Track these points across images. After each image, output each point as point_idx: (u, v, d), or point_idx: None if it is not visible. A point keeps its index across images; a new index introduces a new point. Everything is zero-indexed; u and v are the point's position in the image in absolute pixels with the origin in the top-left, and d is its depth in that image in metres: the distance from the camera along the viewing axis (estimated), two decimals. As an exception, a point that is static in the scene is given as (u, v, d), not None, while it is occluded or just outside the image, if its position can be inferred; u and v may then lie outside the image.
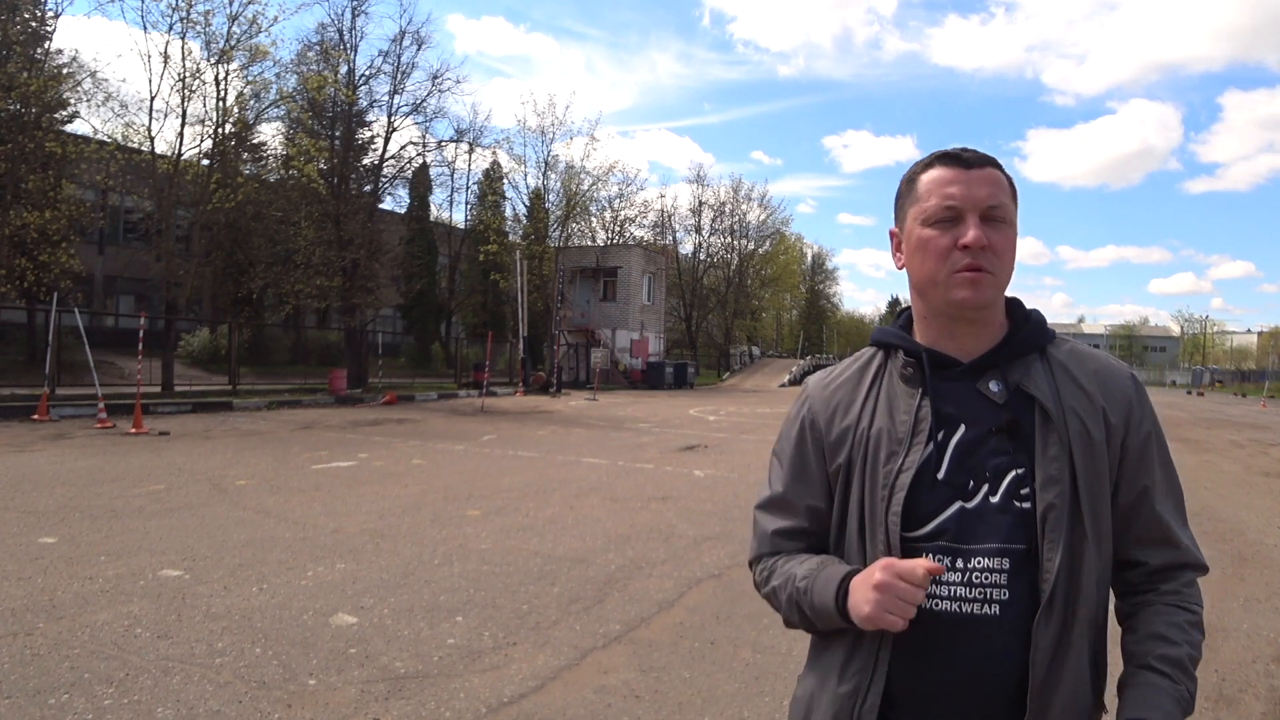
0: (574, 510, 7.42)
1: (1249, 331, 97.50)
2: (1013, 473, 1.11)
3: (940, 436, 1.15)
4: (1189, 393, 50.18)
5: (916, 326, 1.24)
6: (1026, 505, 1.10)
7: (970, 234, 1.12)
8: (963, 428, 1.15)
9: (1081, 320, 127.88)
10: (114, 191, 24.33)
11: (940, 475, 1.13)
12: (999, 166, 1.18)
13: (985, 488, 1.12)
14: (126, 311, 28.50)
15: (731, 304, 53.59)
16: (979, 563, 1.10)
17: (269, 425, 14.62)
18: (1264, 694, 3.67)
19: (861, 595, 1.08)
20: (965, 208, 1.13)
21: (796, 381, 45.55)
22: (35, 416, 13.77)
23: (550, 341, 33.71)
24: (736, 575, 5.34)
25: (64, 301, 17.27)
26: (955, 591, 1.10)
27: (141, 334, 15.14)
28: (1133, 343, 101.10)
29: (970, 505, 1.12)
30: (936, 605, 1.10)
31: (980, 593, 1.09)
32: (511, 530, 6.50)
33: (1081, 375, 1.16)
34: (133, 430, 12.40)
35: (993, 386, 1.15)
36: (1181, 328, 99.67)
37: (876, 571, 1.06)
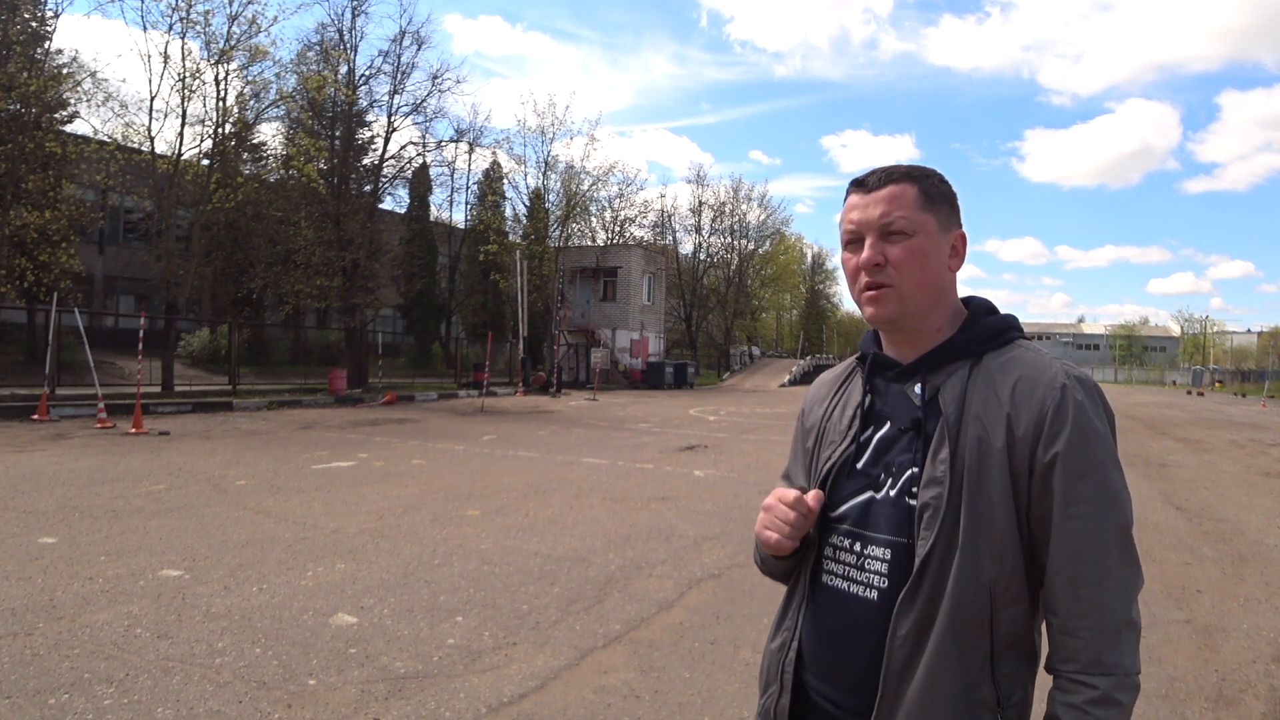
0: (574, 510, 7.42)
1: (1249, 331, 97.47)
2: (910, 471, 1.20)
3: (869, 432, 1.28)
4: (1189, 393, 50.15)
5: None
6: (914, 502, 1.19)
7: (863, 255, 1.22)
8: (887, 425, 1.26)
9: (1081, 320, 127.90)
10: (114, 191, 24.27)
11: (859, 465, 1.26)
12: (912, 179, 1.23)
13: (890, 481, 1.22)
14: (126, 311, 28.49)
15: (731, 304, 53.55)
16: (871, 550, 1.22)
17: (269, 425, 14.62)
18: (1264, 694, 3.67)
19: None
20: (863, 230, 1.23)
21: (796, 382, 45.55)
22: (35, 416, 13.78)
23: (550, 341, 33.72)
24: (736, 575, 5.34)
25: (64, 301, 17.28)
26: (848, 572, 1.23)
27: (141, 334, 15.14)
28: (1133, 343, 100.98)
29: (878, 496, 1.23)
30: (831, 580, 1.25)
31: (866, 577, 1.21)
32: (511, 530, 6.50)
33: (1003, 384, 1.18)
34: (133, 430, 12.41)
35: (916, 390, 1.24)
36: (1181, 328, 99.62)
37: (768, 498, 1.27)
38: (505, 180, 36.81)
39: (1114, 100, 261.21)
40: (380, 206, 29.31)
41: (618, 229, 41.90)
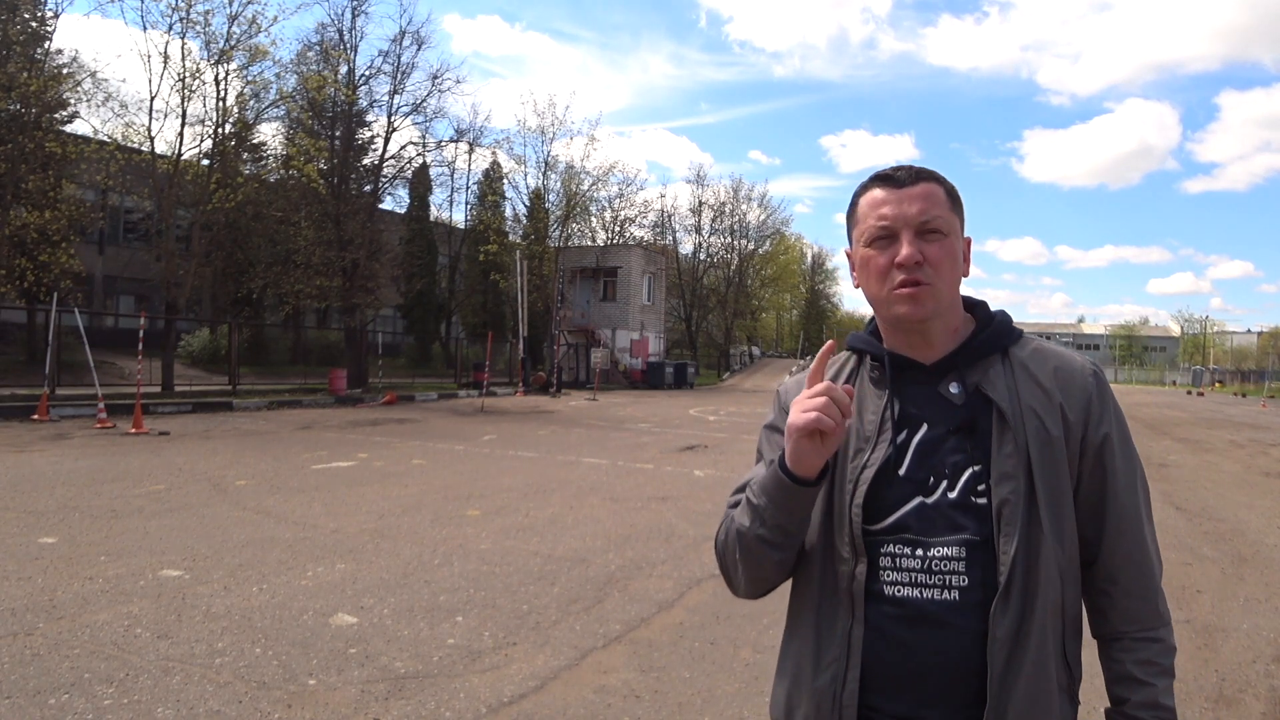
0: (574, 510, 7.42)
1: (1249, 331, 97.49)
2: (970, 470, 1.16)
3: (903, 435, 1.20)
4: (1189, 393, 50.11)
5: (882, 333, 1.28)
6: (983, 501, 1.14)
7: (904, 251, 1.16)
8: (925, 427, 1.20)
9: (1081, 320, 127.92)
10: (114, 191, 24.25)
11: (902, 471, 1.18)
12: (937, 179, 1.21)
13: (944, 484, 1.16)
14: (126, 311, 28.47)
15: (731, 304, 53.56)
16: (938, 552, 1.14)
17: (269, 425, 14.62)
18: (1264, 694, 3.67)
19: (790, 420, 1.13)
20: (898, 226, 1.18)
21: (796, 381, 45.46)
22: (35, 416, 13.78)
23: (550, 341, 33.72)
24: (736, 575, 5.33)
25: (64, 301, 17.28)
26: (916, 579, 1.15)
27: (141, 334, 15.14)
28: (1133, 343, 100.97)
29: (930, 500, 1.16)
30: (899, 592, 1.15)
31: (940, 579, 1.13)
32: (511, 530, 6.50)
33: (1041, 374, 1.20)
34: (133, 430, 12.40)
35: (952, 389, 1.20)
36: (1181, 328, 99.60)
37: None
38: (505, 180, 36.86)
39: (1113, 100, 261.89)
40: (380, 206, 29.32)
41: (618, 229, 41.92)
